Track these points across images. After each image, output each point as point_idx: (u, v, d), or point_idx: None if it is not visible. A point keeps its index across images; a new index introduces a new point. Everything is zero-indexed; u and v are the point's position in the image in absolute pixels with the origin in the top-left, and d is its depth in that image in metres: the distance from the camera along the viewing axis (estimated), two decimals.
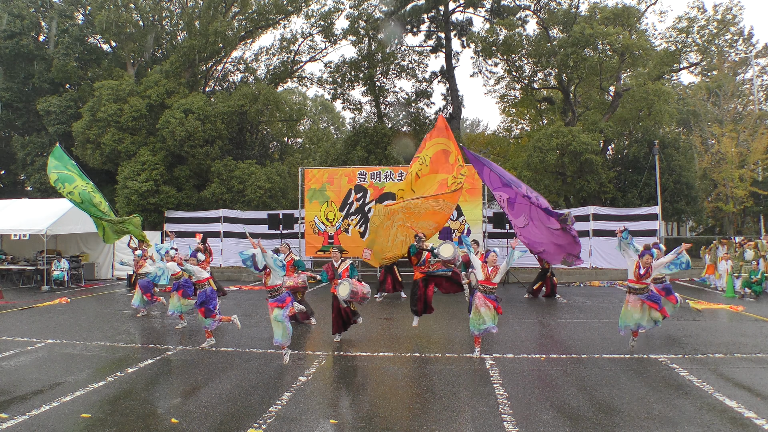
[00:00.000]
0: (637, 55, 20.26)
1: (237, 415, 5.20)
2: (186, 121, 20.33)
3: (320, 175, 17.31)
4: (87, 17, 25.46)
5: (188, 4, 25.81)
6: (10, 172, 27.84)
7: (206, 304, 8.19)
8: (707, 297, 13.29)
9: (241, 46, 27.88)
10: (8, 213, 16.55)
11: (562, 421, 4.99)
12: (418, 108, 27.77)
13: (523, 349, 7.91)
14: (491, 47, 23.25)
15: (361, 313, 11.19)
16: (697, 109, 25.32)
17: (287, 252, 9.91)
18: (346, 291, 8.03)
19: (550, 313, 11.25)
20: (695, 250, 18.72)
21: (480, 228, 16.49)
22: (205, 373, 6.73)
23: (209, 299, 8.25)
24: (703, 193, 23.34)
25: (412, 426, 4.96)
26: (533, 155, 19.72)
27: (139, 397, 5.84)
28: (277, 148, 30.57)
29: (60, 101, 22.75)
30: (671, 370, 6.64)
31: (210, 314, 8.18)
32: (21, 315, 11.27)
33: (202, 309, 8.17)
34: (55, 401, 5.64)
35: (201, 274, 8.43)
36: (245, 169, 21.04)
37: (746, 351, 7.59)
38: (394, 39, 26.44)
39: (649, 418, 5.06)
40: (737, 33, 24.45)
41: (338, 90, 27.42)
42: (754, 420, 4.96)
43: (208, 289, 8.35)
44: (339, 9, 26.49)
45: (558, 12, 23.51)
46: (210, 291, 8.35)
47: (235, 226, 19.33)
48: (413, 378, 6.51)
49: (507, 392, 5.83)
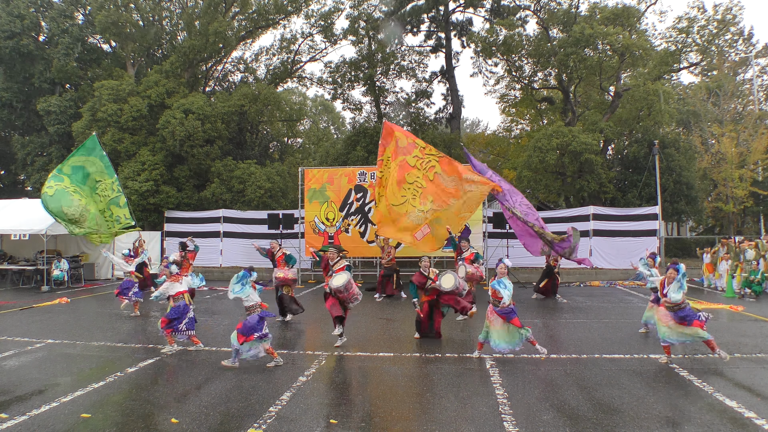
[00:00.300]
0: (637, 55, 20.27)
1: (237, 415, 5.20)
2: (186, 121, 20.34)
3: (320, 175, 17.31)
4: (87, 17, 25.46)
5: (188, 4, 25.81)
6: (10, 172, 27.86)
7: (172, 319, 7.69)
8: (706, 297, 13.30)
9: (241, 46, 27.91)
10: (8, 213, 16.55)
11: (562, 421, 4.98)
12: (418, 108, 27.80)
13: (523, 349, 7.91)
14: (491, 47, 23.26)
15: (361, 313, 11.20)
16: (697, 109, 25.33)
17: (277, 248, 10.44)
18: (342, 280, 7.88)
19: (550, 313, 11.25)
20: (694, 250, 18.73)
21: (480, 228, 16.48)
22: (205, 373, 6.72)
23: (180, 316, 7.71)
24: (703, 193, 23.35)
25: (412, 426, 4.95)
26: (533, 155, 19.72)
27: (139, 397, 5.84)
28: (277, 148, 30.58)
29: (60, 101, 22.76)
30: (671, 370, 6.64)
31: (173, 329, 7.71)
32: (21, 315, 11.26)
33: (164, 321, 7.77)
34: (55, 401, 5.64)
35: (172, 290, 7.89)
36: (245, 169, 21.05)
37: (746, 351, 7.59)
38: (394, 39, 26.46)
39: (649, 418, 5.05)
40: (737, 33, 24.48)
41: (338, 90, 27.44)
42: (754, 420, 4.95)
43: (181, 303, 7.82)
44: (339, 9, 26.52)
45: (558, 12, 23.52)
46: (183, 306, 7.81)
47: (235, 226, 19.33)
48: (413, 378, 6.51)
49: (507, 392, 5.83)
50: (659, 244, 17.20)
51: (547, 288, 13.18)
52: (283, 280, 10.05)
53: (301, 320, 10.43)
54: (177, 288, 7.92)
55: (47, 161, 23.61)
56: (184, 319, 7.77)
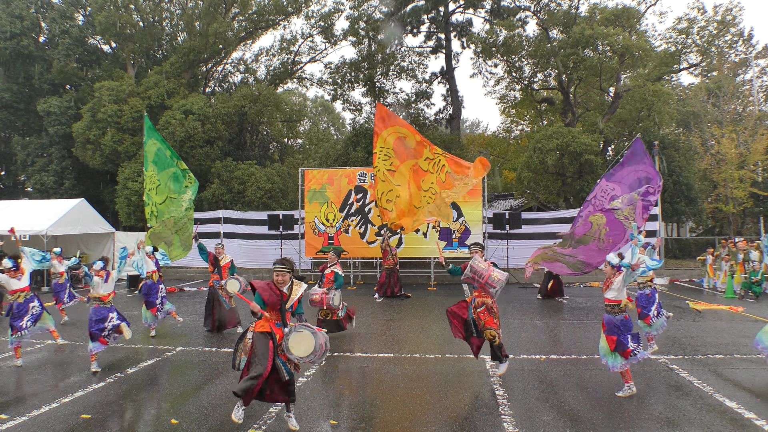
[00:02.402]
0: (636, 55, 20.27)
1: None
2: (186, 122, 20.35)
3: (320, 176, 17.31)
4: (87, 18, 25.48)
5: (188, 5, 25.84)
6: (10, 172, 27.86)
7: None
8: (707, 298, 13.30)
9: (241, 47, 27.93)
10: (8, 214, 16.55)
11: (562, 422, 4.98)
12: (418, 109, 27.78)
13: (523, 349, 7.91)
14: (491, 48, 23.26)
15: (362, 313, 11.20)
16: (697, 110, 25.33)
17: (222, 253, 9.52)
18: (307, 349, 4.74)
19: (550, 313, 11.25)
20: (694, 251, 18.72)
21: (480, 229, 16.48)
22: (205, 373, 6.72)
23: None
24: (703, 194, 23.35)
25: (412, 426, 4.95)
26: (533, 156, 19.73)
27: (139, 397, 5.84)
28: (277, 149, 30.58)
29: (60, 102, 22.76)
30: (671, 371, 6.64)
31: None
32: None
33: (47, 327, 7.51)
34: (55, 402, 5.64)
35: (9, 286, 7.35)
36: (245, 170, 21.05)
37: (746, 352, 7.59)
38: (394, 40, 26.46)
39: (650, 418, 5.05)
40: (737, 34, 24.51)
41: (338, 91, 27.44)
42: (755, 421, 4.95)
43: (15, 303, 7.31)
44: (339, 10, 26.54)
45: (558, 13, 23.53)
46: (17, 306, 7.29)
47: (235, 226, 19.33)
48: (413, 378, 6.51)
49: (507, 392, 5.83)
50: (659, 244, 17.18)
51: (554, 289, 13.19)
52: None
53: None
54: (15, 285, 7.39)
55: (47, 162, 23.62)
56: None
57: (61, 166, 23.22)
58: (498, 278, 6.28)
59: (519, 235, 17.20)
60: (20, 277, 7.44)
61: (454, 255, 15.91)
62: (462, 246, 16.28)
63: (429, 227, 16.55)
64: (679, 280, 16.82)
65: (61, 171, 23.24)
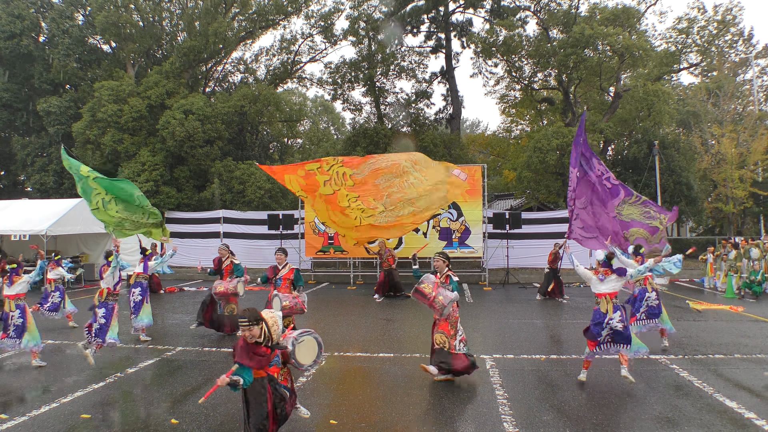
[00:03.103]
0: (637, 55, 20.27)
1: (237, 415, 5.19)
2: (186, 122, 20.34)
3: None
4: (87, 18, 25.47)
5: (188, 5, 25.81)
6: (10, 172, 27.84)
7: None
8: (707, 298, 13.30)
9: (241, 46, 27.90)
10: (8, 213, 16.54)
11: (562, 422, 4.98)
12: (418, 108, 27.78)
13: (523, 349, 7.91)
14: (491, 48, 23.27)
15: (362, 313, 11.21)
16: (697, 110, 25.31)
17: (226, 255, 9.04)
18: (312, 352, 4.75)
19: (550, 313, 11.25)
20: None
21: (480, 228, 16.48)
22: (205, 373, 6.72)
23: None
24: (703, 194, 23.34)
25: (412, 426, 4.95)
26: (533, 156, 19.73)
27: (139, 397, 5.84)
28: (277, 149, 30.56)
29: (60, 102, 22.76)
30: (671, 371, 6.64)
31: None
32: None
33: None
34: (55, 402, 5.64)
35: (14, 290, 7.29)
36: (245, 170, 21.06)
37: (746, 352, 7.59)
38: (394, 39, 26.44)
39: (650, 418, 5.05)
40: (737, 34, 24.50)
41: (338, 90, 27.43)
42: (755, 421, 4.95)
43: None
44: (339, 9, 26.51)
45: (558, 12, 23.53)
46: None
47: (235, 226, 19.33)
48: (413, 378, 6.50)
49: (507, 392, 5.83)
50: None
51: (555, 289, 13.20)
52: (224, 293, 8.77)
53: (302, 321, 10.41)
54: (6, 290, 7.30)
55: (47, 162, 23.62)
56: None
57: (61, 166, 23.19)
58: (442, 303, 6.08)
59: (519, 234, 17.19)
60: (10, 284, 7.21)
61: (454, 255, 15.90)
62: (462, 246, 16.28)
63: (429, 227, 16.55)
64: (679, 279, 16.82)
65: (61, 171, 23.20)
